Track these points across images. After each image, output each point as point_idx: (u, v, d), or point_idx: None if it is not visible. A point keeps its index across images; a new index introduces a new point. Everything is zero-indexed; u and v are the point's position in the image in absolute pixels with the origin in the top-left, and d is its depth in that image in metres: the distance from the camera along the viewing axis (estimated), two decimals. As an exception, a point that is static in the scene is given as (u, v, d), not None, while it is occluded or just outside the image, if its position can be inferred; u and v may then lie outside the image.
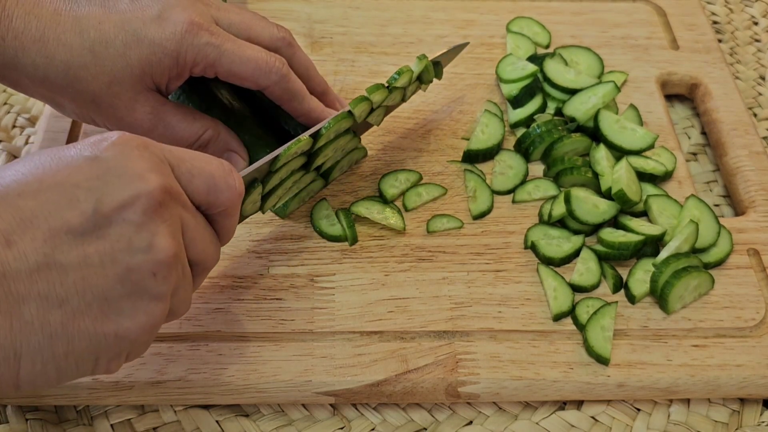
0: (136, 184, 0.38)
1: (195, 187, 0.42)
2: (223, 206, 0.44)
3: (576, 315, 0.55)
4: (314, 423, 0.53)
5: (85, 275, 0.36)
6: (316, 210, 0.61)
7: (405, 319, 0.55)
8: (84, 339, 0.37)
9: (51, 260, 0.35)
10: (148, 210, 0.38)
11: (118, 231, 0.37)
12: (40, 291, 0.35)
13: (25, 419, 0.52)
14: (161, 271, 0.38)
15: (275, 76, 0.53)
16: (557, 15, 0.78)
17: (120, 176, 0.38)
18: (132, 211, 0.37)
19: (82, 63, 0.50)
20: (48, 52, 0.49)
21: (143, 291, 0.38)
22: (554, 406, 0.54)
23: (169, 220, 0.39)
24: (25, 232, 0.35)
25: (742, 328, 0.56)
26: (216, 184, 0.43)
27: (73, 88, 0.51)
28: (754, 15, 0.84)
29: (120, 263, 0.37)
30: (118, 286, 0.37)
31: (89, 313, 0.37)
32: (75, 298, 0.36)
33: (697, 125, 0.73)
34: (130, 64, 0.50)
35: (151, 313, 0.39)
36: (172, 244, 0.39)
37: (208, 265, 0.45)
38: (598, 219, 0.59)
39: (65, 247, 0.36)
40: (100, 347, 0.38)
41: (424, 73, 0.61)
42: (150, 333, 0.39)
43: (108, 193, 0.37)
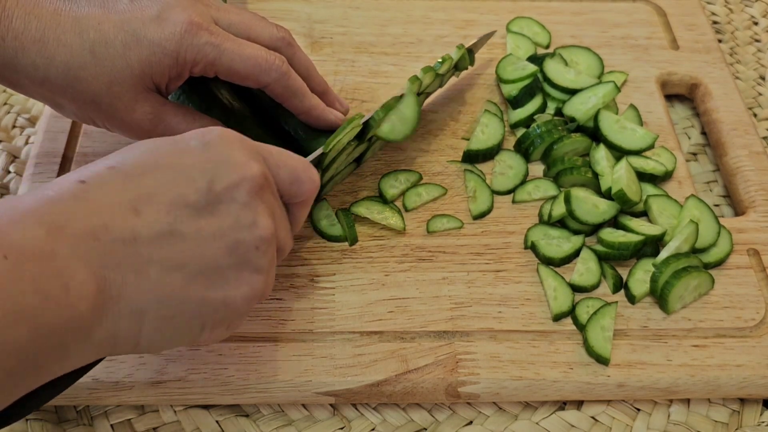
0: (242, 169, 0.43)
1: (281, 178, 0.47)
2: (303, 197, 0.49)
3: (576, 315, 0.55)
4: (314, 423, 0.53)
5: (200, 245, 0.41)
6: (316, 210, 0.61)
7: (405, 319, 0.55)
8: (196, 303, 0.41)
9: (173, 229, 0.40)
10: (251, 192, 0.43)
11: (227, 208, 0.42)
12: (162, 255, 0.39)
13: (25, 419, 0.52)
14: (263, 246, 0.43)
15: (275, 74, 0.54)
16: (557, 15, 0.78)
17: (228, 161, 0.42)
18: (238, 192, 0.42)
19: (82, 63, 0.50)
20: (48, 52, 0.49)
21: (247, 263, 0.43)
22: (554, 406, 0.54)
23: (267, 203, 0.44)
24: (150, 204, 0.39)
25: (742, 328, 0.56)
26: (299, 176, 0.48)
27: (73, 88, 0.51)
28: (754, 15, 0.84)
29: (229, 237, 0.42)
30: (226, 257, 0.42)
31: (202, 280, 0.41)
32: (191, 264, 0.40)
33: (697, 125, 0.73)
34: (129, 65, 0.50)
35: (253, 284, 0.43)
36: (270, 224, 0.44)
37: (285, 250, 0.49)
38: (598, 219, 0.59)
39: (184, 219, 0.40)
40: (207, 312, 0.42)
41: (461, 60, 0.65)
42: (250, 303, 0.43)
43: (218, 174, 0.42)
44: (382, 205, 0.61)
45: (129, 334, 0.39)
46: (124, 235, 0.38)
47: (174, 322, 0.40)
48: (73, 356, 0.37)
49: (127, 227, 0.38)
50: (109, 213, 0.38)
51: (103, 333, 0.37)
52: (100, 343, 0.38)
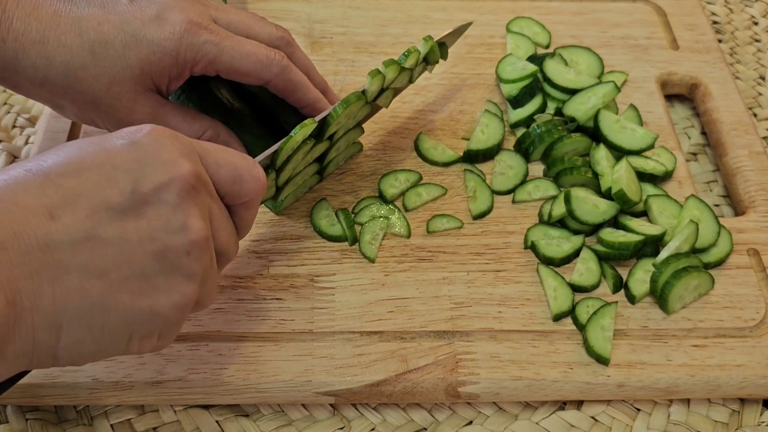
0: (171, 168, 0.40)
1: (221, 177, 0.44)
2: (247, 196, 0.46)
3: (576, 315, 0.55)
4: (314, 423, 0.53)
5: (124, 250, 0.38)
6: (316, 210, 0.61)
7: (405, 319, 0.55)
8: (120, 312, 0.38)
9: (92, 234, 0.37)
10: (182, 192, 0.40)
11: (155, 211, 0.39)
12: (81, 262, 0.37)
13: (25, 419, 0.52)
14: (194, 251, 0.40)
15: (276, 68, 0.54)
16: (557, 15, 0.78)
17: (156, 160, 0.40)
18: (167, 192, 0.40)
19: (82, 64, 0.50)
20: (48, 53, 0.49)
21: (177, 269, 0.40)
22: (554, 406, 0.54)
23: (200, 205, 0.41)
24: (68, 208, 0.37)
25: (742, 328, 0.56)
26: (241, 174, 0.45)
27: (73, 89, 0.51)
28: (754, 15, 0.84)
29: (157, 241, 0.39)
30: (154, 263, 0.39)
31: (127, 287, 0.38)
32: (114, 271, 0.38)
33: (697, 125, 0.73)
34: (129, 65, 0.50)
35: (184, 292, 0.41)
36: (204, 226, 0.41)
37: (229, 256, 0.46)
38: (598, 219, 0.59)
39: (105, 223, 0.38)
40: (134, 322, 0.39)
41: (430, 54, 0.61)
42: (181, 312, 0.41)
43: (145, 174, 0.39)
44: (385, 211, 0.61)
45: (46, 347, 0.37)
46: (38, 241, 0.36)
47: (96, 332, 0.38)
48: None
49: (41, 233, 0.36)
50: (21, 219, 0.36)
51: (17, 348, 0.36)
52: (15, 359, 0.36)
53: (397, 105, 0.69)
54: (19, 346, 0.36)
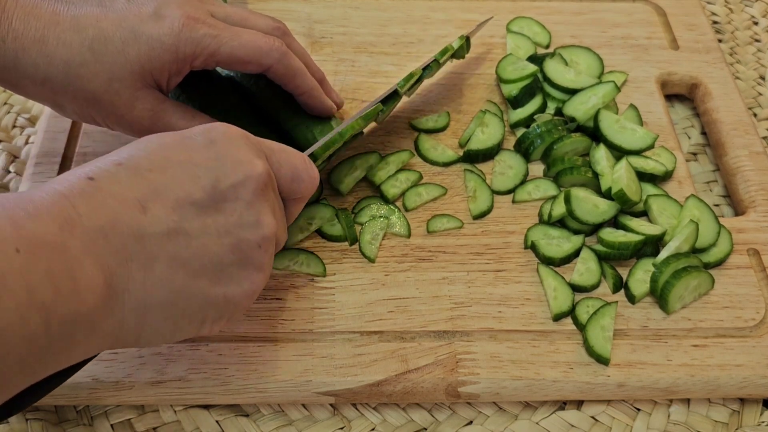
0: (246, 167, 0.43)
1: (282, 174, 0.47)
2: (301, 194, 0.49)
3: (576, 315, 0.55)
4: (314, 423, 0.53)
5: (205, 243, 0.41)
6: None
7: (405, 319, 0.55)
8: (200, 298, 0.42)
9: (179, 226, 0.40)
10: (255, 190, 0.43)
11: (232, 207, 0.43)
12: (169, 252, 0.40)
13: (25, 419, 0.52)
14: (265, 244, 0.44)
15: (276, 54, 0.55)
16: (557, 15, 0.78)
17: (233, 160, 0.43)
18: (243, 190, 0.43)
19: (82, 61, 0.50)
20: (48, 51, 0.50)
21: (250, 261, 0.43)
22: (554, 406, 0.54)
23: (270, 202, 0.45)
24: (157, 201, 0.40)
25: (742, 328, 0.56)
26: (299, 174, 0.48)
27: (73, 87, 0.51)
28: (754, 15, 0.84)
29: (233, 235, 0.42)
30: (230, 254, 0.42)
31: (206, 276, 0.42)
32: (196, 261, 0.41)
33: (697, 125, 0.73)
34: (129, 61, 0.51)
35: (254, 281, 0.44)
36: (273, 222, 0.45)
37: (281, 245, 0.49)
38: (598, 219, 0.59)
39: (190, 217, 0.41)
40: (210, 308, 0.42)
41: (459, 49, 0.67)
42: (250, 299, 0.44)
43: (224, 173, 0.42)
44: (385, 210, 0.61)
45: (133, 328, 0.40)
46: (132, 231, 0.39)
47: (177, 316, 0.41)
48: (80, 347, 0.37)
49: (135, 224, 0.39)
50: (117, 210, 0.38)
51: (109, 326, 0.38)
52: (106, 336, 0.39)
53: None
54: (111, 324, 0.38)
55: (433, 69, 0.64)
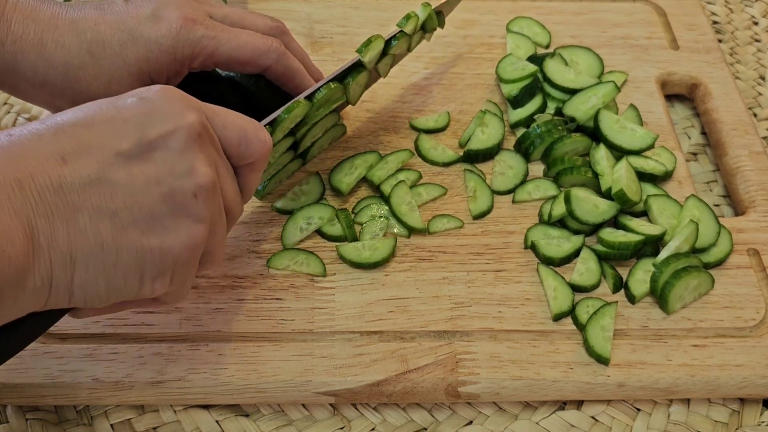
0: (177, 117, 0.42)
1: (227, 137, 0.46)
2: (252, 158, 0.47)
3: (576, 315, 0.55)
4: (314, 423, 0.53)
5: (133, 193, 0.40)
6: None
7: (405, 319, 0.55)
8: (131, 251, 0.40)
9: (102, 176, 0.39)
10: (188, 139, 0.42)
11: (162, 156, 0.41)
12: (92, 203, 0.39)
13: (25, 419, 0.52)
14: (201, 193, 0.42)
15: (275, 54, 0.55)
16: (557, 15, 0.78)
17: (163, 112, 0.42)
18: (173, 139, 0.42)
19: (81, 63, 0.50)
20: (47, 54, 0.50)
21: (185, 211, 0.42)
22: (554, 406, 0.54)
23: (206, 152, 0.43)
24: (80, 155, 0.39)
25: (742, 328, 0.56)
26: (247, 136, 0.46)
27: (72, 89, 0.51)
28: (754, 15, 0.84)
29: (164, 184, 0.41)
30: (162, 204, 0.41)
31: (136, 227, 0.40)
32: (124, 212, 0.40)
33: (697, 125, 0.73)
34: (127, 63, 0.51)
35: (192, 233, 0.42)
36: (210, 172, 0.43)
37: (234, 215, 0.48)
38: (598, 219, 0.59)
39: (115, 168, 0.40)
40: (145, 261, 0.41)
41: (428, 20, 0.63)
42: (190, 253, 0.43)
43: (153, 123, 0.41)
44: (385, 209, 0.61)
45: (63, 283, 0.39)
46: (51, 183, 0.38)
47: (109, 271, 0.40)
48: (8, 303, 0.37)
49: (54, 176, 0.38)
50: (35, 163, 0.38)
51: (36, 281, 0.38)
52: (36, 292, 0.38)
53: (397, 105, 0.69)
54: (38, 279, 0.38)
55: (399, 40, 0.60)
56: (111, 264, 0.40)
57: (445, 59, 0.73)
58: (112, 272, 0.40)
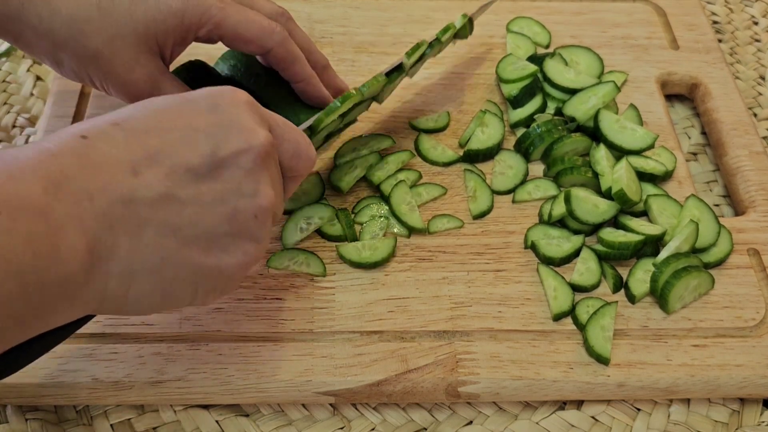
0: (249, 135, 0.42)
1: (283, 150, 0.46)
2: (299, 173, 0.48)
3: (576, 315, 0.55)
4: (314, 423, 0.53)
5: (199, 211, 0.40)
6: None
7: (405, 319, 0.55)
8: (190, 267, 0.40)
9: (171, 193, 0.39)
10: (257, 160, 0.42)
11: (231, 174, 0.41)
12: (159, 218, 0.39)
13: (25, 419, 0.52)
14: (261, 215, 0.43)
15: (278, 37, 0.55)
16: (557, 15, 0.78)
17: (235, 127, 0.42)
18: (244, 158, 0.42)
19: (87, 17, 0.50)
20: (54, 4, 0.50)
21: (245, 231, 0.42)
22: (554, 406, 0.54)
23: (271, 172, 0.44)
24: (151, 166, 0.39)
25: (742, 328, 0.56)
26: (300, 151, 0.47)
27: (75, 41, 0.51)
28: (754, 15, 0.84)
29: (229, 203, 0.41)
30: (224, 224, 0.41)
31: (197, 245, 0.40)
32: (188, 229, 0.40)
33: (697, 125, 0.73)
34: (134, 20, 0.51)
35: (249, 252, 0.43)
36: (273, 194, 0.43)
37: (277, 220, 0.48)
38: (598, 219, 0.59)
39: (184, 183, 0.40)
40: (201, 277, 0.41)
41: (461, 29, 0.66)
42: (244, 271, 0.43)
43: (225, 140, 0.41)
44: (385, 209, 0.61)
45: (118, 294, 0.39)
46: (121, 196, 0.37)
47: (166, 285, 0.40)
48: (59, 313, 0.37)
49: (125, 188, 0.38)
50: (108, 173, 0.37)
51: (91, 291, 0.37)
52: (87, 302, 0.38)
53: (397, 105, 0.69)
54: (93, 290, 0.37)
55: (435, 47, 0.64)
56: (169, 279, 0.40)
57: (445, 59, 0.73)
58: (169, 287, 0.40)
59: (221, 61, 0.62)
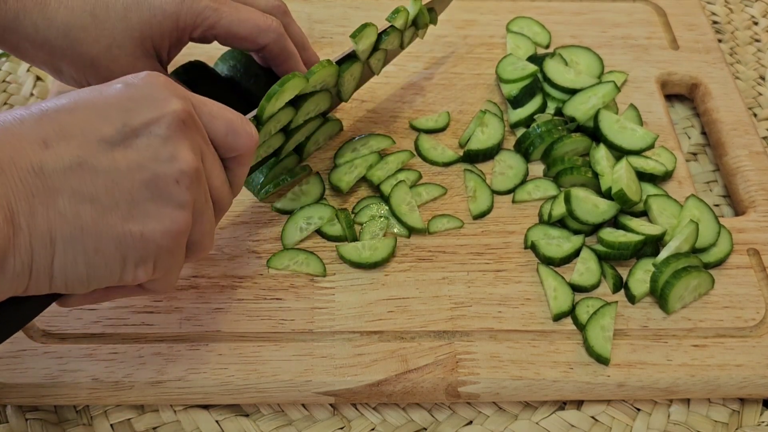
0: (162, 104, 0.42)
1: (214, 127, 0.46)
2: (239, 150, 0.47)
3: (576, 315, 0.55)
4: (314, 423, 0.53)
5: (115, 178, 0.40)
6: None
7: (405, 319, 0.55)
8: (112, 236, 0.40)
9: (83, 161, 0.39)
10: (172, 126, 0.42)
11: (145, 142, 0.41)
12: (73, 186, 0.39)
13: (25, 419, 0.52)
14: (184, 180, 0.42)
15: (273, 34, 0.55)
16: (557, 15, 0.78)
17: (148, 98, 0.42)
18: (158, 126, 0.41)
19: (83, 25, 0.51)
20: (49, 13, 0.50)
21: (167, 197, 0.42)
22: (554, 406, 0.54)
23: (191, 139, 0.43)
24: (62, 139, 0.39)
25: (742, 328, 0.56)
26: (234, 128, 0.46)
27: (72, 50, 0.51)
28: (754, 15, 0.84)
29: (146, 169, 0.41)
30: (144, 190, 0.41)
31: (117, 212, 0.40)
32: (105, 196, 0.40)
33: (697, 125, 0.73)
34: (130, 26, 0.51)
35: (175, 219, 0.42)
36: (193, 158, 0.43)
37: (223, 206, 0.48)
38: (598, 219, 0.59)
39: (97, 153, 0.40)
40: (126, 246, 0.41)
41: (419, 16, 0.63)
42: (173, 240, 0.43)
43: (137, 110, 0.41)
44: (385, 209, 0.61)
45: (42, 266, 0.39)
46: (31, 166, 0.38)
47: (90, 255, 0.40)
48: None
49: (35, 159, 0.38)
50: (18, 147, 0.38)
51: (16, 263, 0.38)
52: (16, 275, 0.38)
53: (397, 105, 0.69)
54: (18, 262, 0.38)
55: (390, 34, 0.61)
56: (92, 248, 0.40)
57: (445, 59, 0.73)
58: (93, 256, 0.40)
59: (220, 61, 0.63)
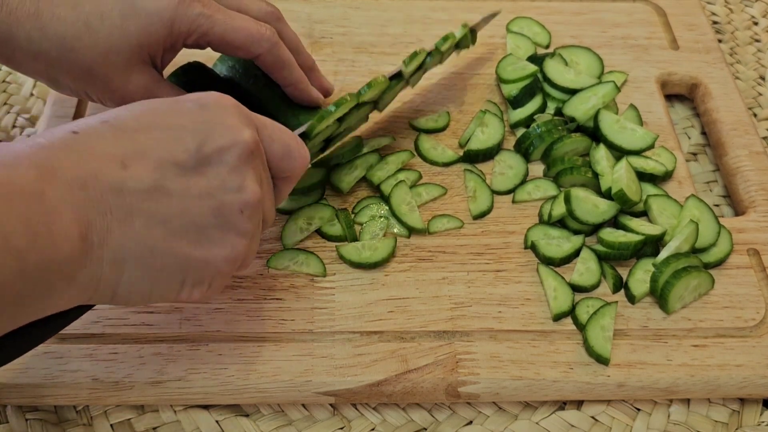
0: (234, 133, 0.44)
1: (272, 150, 0.47)
2: (291, 173, 0.49)
3: (576, 315, 0.55)
4: (314, 423, 0.53)
5: (186, 203, 0.42)
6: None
7: (405, 319, 0.55)
8: (177, 258, 0.42)
9: (159, 185, 0.41)
10: (241, 156, 0.44)
11: (215, 171, 0.43)
12: (149, 208, 0.41)
13: (25, 419, 0.52)
14: (247, 210, 0.44)
15: (267, 44, 0.55)
16: (557, 15, 0.78)
17: (220, 125, 0.43)
18: (228, 155, 0.43)
19: (77, 35, 0.51)
20: (42, 25, 0.50)
21: (231, 225, 0.44)
22: (554, 406, 0.54)
23: (255, 170, 0.45)
24: (139, 160, 0.40)
25: (742, 328, 0.56)
26: (290, 152, 0.48)
27: (67, 59, 0.51)
28: (754, 15, 0.84)
29: (215, 198, 0.43)
30: (210, 217, 0.43)
31: (185, 236, 0.42)
32: (176, 220, 0.42)
33: (697, 125, 0.73)
34: (127, 34, 0.51)
35: (236, 246, 0.44)
36: (257, 190, 0.45)
37: (268, 223, 0.49)
38: (598, 219, 0.59)
39: (171, 177, 0.41)
40: (189, 269, 0.43)
41: (462, 39, 0.67)
42: (231, 265, 0.45)
43: (210, 137, 0.43)
44: (385, 209, 0.61)
45: (109, 281, 0.40)
46: (111, 185, 0.39)
47: (154, 274, 0.42)
48: (57, 295, 0.38)
49: (114, 179, 0.39)
50: (99, 164, 0.39)
51: (86, 276, 0.39)
52: (82, 287, 0.39)
53: (397, 105, 0.69)
54: (87, 275, 0.39)
55: (434, 57, 0.64)
56: (158, 268, 0.41)
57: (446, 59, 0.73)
58: (157, 276, 0.42)
59: (219, 62, 0.62)
